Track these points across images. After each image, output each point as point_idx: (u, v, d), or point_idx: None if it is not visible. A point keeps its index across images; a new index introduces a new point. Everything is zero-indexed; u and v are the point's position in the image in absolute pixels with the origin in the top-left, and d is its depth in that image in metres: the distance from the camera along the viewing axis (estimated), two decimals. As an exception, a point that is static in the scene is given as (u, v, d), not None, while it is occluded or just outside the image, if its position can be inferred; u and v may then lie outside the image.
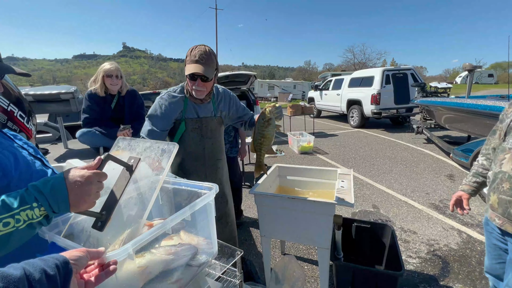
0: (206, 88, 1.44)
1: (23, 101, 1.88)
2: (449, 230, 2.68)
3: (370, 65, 36.47)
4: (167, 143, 0.86)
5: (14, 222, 0.56)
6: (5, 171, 0.69)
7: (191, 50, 1.39)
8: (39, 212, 0.59)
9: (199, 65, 1.35)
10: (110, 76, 2.09)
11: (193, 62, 1.36)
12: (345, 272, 1.71)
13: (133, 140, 0.89)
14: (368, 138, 7.14)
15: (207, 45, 1.41)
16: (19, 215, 0.57)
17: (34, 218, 0.59)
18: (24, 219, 0.57)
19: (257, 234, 2.71)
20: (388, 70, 8.15)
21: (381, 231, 2.03)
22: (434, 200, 3.35)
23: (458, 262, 2.20)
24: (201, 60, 1.35)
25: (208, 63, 1.37)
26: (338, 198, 1.50)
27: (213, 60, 1.41)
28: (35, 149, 0.89)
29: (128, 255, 0.65)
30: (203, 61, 1.36)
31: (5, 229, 0.55)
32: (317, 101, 11.34)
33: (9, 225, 0.56)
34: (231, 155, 2.80)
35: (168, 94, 1.53)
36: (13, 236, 0.56)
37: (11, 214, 0.56)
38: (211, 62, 1.39)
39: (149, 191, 0.79)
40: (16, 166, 0.72)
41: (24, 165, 0.75)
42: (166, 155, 0.82)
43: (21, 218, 0.57)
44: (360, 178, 4.18)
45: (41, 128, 4.11)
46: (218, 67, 1.49)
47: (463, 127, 4.76)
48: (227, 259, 1.06)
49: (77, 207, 0.64)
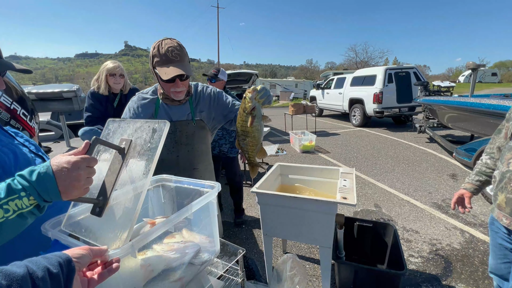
0: (185, 87, 1.30)
1: (26, 99, 1.89)
2: (452, 229, 2.67)
3: (372, 64, 36.29)
4: (157, 121, 0.80)
5: (3, 212, 0.54)
6: (4, 168, 0.69)
7: (158, 48, 1.18)
8: (28, 201, 0.57)
9: (176, 66, 1.17)
10: (113, 75, 2.10)
11: (167, 62, 1.17)
12: (347, 271, 1.70)
13: (123, 122, 0.86)
14: (370, 137, 7.12)
15: (172, 38, 1.23)
16: (8, 205, 0.55)
17: (23, 208, 0.57)
18: (14, 209, 0.56)
19: (258, 233, 2.71)
20: (390, 69, 8.10)
21: (383, 231, 2.02)
22: (436, 199, 3.33)
23: (460, 261, 2.19)
24: (175, 58, 1.18)
25: (183, 59, 1.20)
26: (340, 197, 1.49)
27: (186, 53, 1.24)
28: (37, 147, 0.89)
29: (130, 253, 0.65)
30: (178, 59, 1.18)
31: None
32: (319, 100, 11.30)
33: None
34: (231, 155, 2.78)
35: (138, 96, 1.41)
36: (4, 226, 0.55)
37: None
38: (184, 55, 1.22)
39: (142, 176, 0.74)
40: (16, 163, 0.72)
41: (24, 162, 0.75)
42: (157, 134, 0.78)
43: (10, 208, 0.55)
44: (362, 177, 4.16)
45: (44, 126, 4.13)
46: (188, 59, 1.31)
47: (466, 126, 4.73)
48: (229, 257, 1.06)
49: (68, 194, 0.61)
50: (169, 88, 1.26)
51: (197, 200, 0.88)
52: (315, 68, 66.53)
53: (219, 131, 2.68)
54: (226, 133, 2.71)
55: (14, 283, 0.39)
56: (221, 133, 2.69)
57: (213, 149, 2.70)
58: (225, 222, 2.96)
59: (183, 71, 1.17)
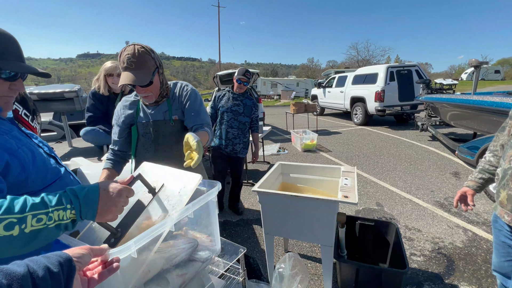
0: (150, 92, 1.28)
1: (27, 100, 1.89)
2: (454, 228, 2.65)
3: (374, 62, 36.12)
4: (190, 174, 0.88)
5: (47, 219, 0.58)
6: (24, 166, 0.71)
7: (120, 53, 1.19)
8: (69, 214, 0.62)
9: (127, 74, 1.16)
10: (111, 75, 2.10)
11: (123, 70, 1.18)
12: (349, 270, 1.70)
13: (156, 167, 0.97)
14: (372, 135, 7.09)
15: (137, 43, 1.20)
16: (52, 213, 0.59)
17: (63, 220, 0.61)
18: (55, 218, 0.60)
19: (260, 232, 2.71)
20: (392, 67, 8.05)
21: (385, 229, 2.01)
22: (439, 198, 3.31)
23: (463, 260, 2.18)
24: (130, 66, 1.16)
25: (139, 67, 1.17)
26: (342, 196, 1.49)
27: (145, 59, 1.19)
28: (49, 148, 0.92)
29: (131, 252, 0.65)
30: (132, 67, 1.16)
31: (36, 225, 0.57)
32: (320, 98, 11.27)
33: (41, 222, 0.58)
34: (242, 155, 2.85)
35: (123, 99, 1.47)
36: (41, 233, 0.58)
37: (46, 212, 0.59)
38: (143, 63, 1.18)
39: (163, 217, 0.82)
40: (34, 162, 0.75)
41: (40, 162, 0.77)
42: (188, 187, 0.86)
43: (53, 217, 0.59)
44: (364, 176, 4.15)
45: (46, 126, 4.15)
46: (159, 63, 1.27)
47: (469, 124, 4.69)
48: (230, 256, 1.06)
49: (102, 216, 0.67)
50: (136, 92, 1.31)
51: (197, 199, 0.88)
52: (317, 66, 66.27)
53: (234, 130, 2.71)
54: (241, 133, 2.75)
55: (15, 282, 0.39)
56: (237, 132, 2.72)
57: (225, 147, 2.73)
58: (226, 222, 2.97)
59: (131, 82, 1.15)
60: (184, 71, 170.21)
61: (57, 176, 0.81)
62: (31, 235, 0.56)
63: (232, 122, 2.69)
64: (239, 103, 2.70)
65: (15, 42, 0.73)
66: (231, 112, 2.68)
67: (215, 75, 6.27)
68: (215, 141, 2.79)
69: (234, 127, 2.70)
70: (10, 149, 0.70)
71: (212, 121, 2.81)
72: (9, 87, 0.73)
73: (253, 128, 2.87)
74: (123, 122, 1.44)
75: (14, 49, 0.72)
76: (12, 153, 0.70)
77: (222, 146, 2.74)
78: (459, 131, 6.78)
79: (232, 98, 2.71)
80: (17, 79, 0.74)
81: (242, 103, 2.71)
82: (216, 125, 2.78)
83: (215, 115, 2.78)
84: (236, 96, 2.71)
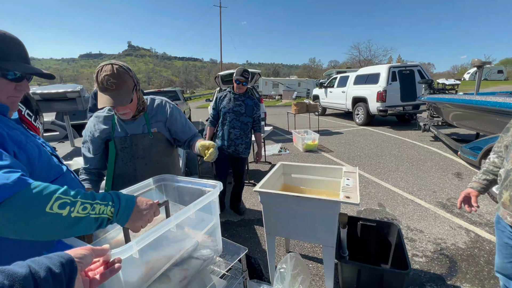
0: (129, 109, 1.28)
1: (30, 100, 1.90)
2: (457, 229, 2.64)
3: (376, 62, 36.01)
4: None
5: (90, 209, 0.64)
6: (30, 160, 0.73)
7: (97, 74, 1.15)
8: (108, 211, 0.68)
9: (108, 96, 1.15)
10: None
11: (102, 90, 1.16)
12: (351, 270, 1.69)
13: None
14: (373, 135, 7.07)
15: (114, 62, 1.19)
16: (96, 205, 0.66)
17: (103, 214, 0.67)
18: (97, 211, 0.66)
19: (261, 232, 2.71)
20: (394, 67, 8.02)
21: (387, 230, 2.00)
22: (441, 198, 3.30)
23: (466, 261, 2.17)
24: (110, 87, 1.14)
25: (119, 87, 1.16)
26: (343, 196, 1.48)
27: (125, 79, 1.18)
28: (52, 148, 0.94)
29: (132, 253, 0.65)
30: (113, 88, 1.14)
31: (82, 212, 0.62)
32: (322, 98, 11.25)
33: (86, 210, 0.63)
34: (244, 155, 2.85)
35: (94, 115, 1.42)
36: (82, 222, 0.62)
37: (92, 203, 0.65)
38: (123, 83, 1.17)
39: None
40: (40, 157, 0.77)
41: (46, 158, 0.79)
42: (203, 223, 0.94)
43: (96, 209, 0.66)
44: (366, 176, 4.14)
45: (48, 126, 4.17)
46: (136, 80, 1.27)
47: (471, 124, 4.67)
48: (231, 256, 1.06)
49: (133, 223, 0.74)
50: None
51: (198, 199, 0.88)
52: (318, 66, 66.20)
53: (236, 131, 2.71)
54: (244, 133, 2.74)
55: (17, 283, 0.39)
56: (239, 133, 2.72)
57: (228, 148, 2.73)
58: (227, 222, 2.97)
59: (113, 103, 1.14)
60: (185, 71, 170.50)
61: (60, 174, 0.83)
62: (75, 221, 0.61)
63: (234, 122, 2.69)
64: (241, 103, 2.70)
65: (20, 44, 0.75)
66: (233, 112, 2.68)
67: (217, 75, 6.27)
68: (217, 142, 2.78)
69: (236, 127, 2.70)
70: (19, 142, 0.72)
71: (215, 122, 2.81)
72: (15, 88, 0.75)
73: (255, 128, 2.86)
74: (99, 137, 1.39)
75: (19, 51, 0.74)
76: (20, 147, 0.72)
77: (225, 147, 2.73)
78: (461, 131, 6.74)
79: (233, 98, 2.70)
80: (23, 80, 0.76)
81: (243, 103, 2.70)
82: (218, 126, 2.78)
83: (217, 116, 2.78)
84: (237, 97, 2.70)
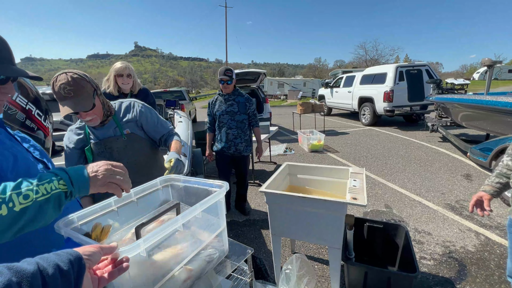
0: (94, 114, 1.27)
1: (40, 100, 1.94)
2: (466, 231, 2.59)
3: (382, 62, 35.61)
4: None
5: (33, 194, 0.60)
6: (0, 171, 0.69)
7: (53, 84, 1.13)
8: (57, 184, 0.64)
9: (68, 103, 1.13)
10: (120, 75, 2.14)
11: (59, 100, 1.14)
12: (357, 272, 1.68)
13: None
14: (380, 136, 6.99)
15: (68, 70, 1.16)
16: (38, 187, 0.61)
17: (53, 190, 0.63)
18: (43, 192, 0.61)
19: (266, 233, 2.70)
20: (401, 67, 7.92)
21: (394, 232, 1.97)
22: (450, 200, 3.24)
23: (475, 265, 2.12)
24: (68, 95, 1.12)
25: (78, 93, 1.14)
26: (350, 197, 1.47)
27: (82, 84, 1.16)
28: (42, 152, 0.89)
29: (139, 251, 0.65)
30: (71, 95, 1.13)
31: (25, 202, 0.59)
32: (328, 98, 11.18)
33: (29, 198, 0.59)
34: (246, 153, 2.84)
35: (69, 128, 1.44)
36: (30, 209, 0.59)
37: (31, 188, 0.61)
38: (80, 88, 1.15)
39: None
40: (14, 167, 0.72)
41: (23, 167, 0.75)
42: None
43: (40, 190, 0.61)
44: (372, 177, 4.09)
45: (58, 126, 4.23)
46: (95, 85, 1.24)
47: (481, 125, 4.57)
48: (237, 256, 1.06)
49: (95, 187, 0.70)
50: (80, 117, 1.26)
51: (205, 199, 0.88)
52: (324, 66, 65.80)
53: (234, 131, 2.70)
54: (241, 131, 2.74)
55: (24, 280, 0.40)
56: (236, 132, 2.72)
57: (228, 149, 2.73)
58: (232, 222, 2.97)
59: (75, 109, 1.13)
60: (191, 71, 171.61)
61: None
62: (21, 212, 0.58)
63: (230, 123, 2.69)
64: (232, 102, 2.69)
65: (5, 46, 0.71)
66: (227, 113, 2.68)
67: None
68: (217, 145, 2.78)
69: (233, 127, 2.70)
70: None
71: (212, 127, 2.82)
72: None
73: (252, 123, 2.83)
74: (75, 148, 1.40)
75: (4, 52, 0.71)
76: None
77: (225, 149, 2.73)
78: (471, 132, 6.61)
79: (224, 100, 2.71)
80: (7, 83, 0.73)
81: (235, 101, 2.70)
82: (216, 129, 2.79)
83: (213, 121, 2.80)
84: (227, 97, 2.70)
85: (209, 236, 0.96)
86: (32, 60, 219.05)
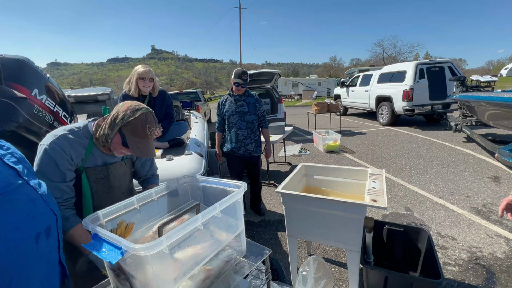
0: None
1: (66, 102, 2.04)
2: (495, 237, 2.44)
3: (401, 59, 34.39)
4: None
5: None
6: None
7: (141, 120, 1.10)
8: None
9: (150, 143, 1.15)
10: (143, 78, 2.21)
11: (145, 139, 1.14)
12: (377, 277, 1.62)
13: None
14: (399, 136, 6.75)
15: (149, 110, 1.15)
16: None
17: None
18: None
19: (282, 234, 2.69)
20: (422, 64, 7.61)
21: (416, 236, 1.90)
22: (476, 204, 3.07)
23: (505, 273, 1.99)
24: (152, 136, 1.16)
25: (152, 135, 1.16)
26: (370, 199, 1.43)
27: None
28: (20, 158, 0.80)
29: (162, 248, 0.67)
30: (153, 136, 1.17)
31: None
32: (344, 98, 10.96)
33: None
34: (256, 154, 2.83)
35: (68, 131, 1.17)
36: None
37: None
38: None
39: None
40: None
41: None
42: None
43: None
44: (391, 179, 3.96)
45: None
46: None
47: (510, 124, 4.30)
48: (255, 257, 1.06)
49: None
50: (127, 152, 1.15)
51: (224, 199, 0.88)
52: (339, 65, 64.51)
53: (243, 131, 2.71)
54: (251, 132, 2.75)
55: None
56: (246, 133, 2.72)
57: (238, 150, 2.74)
58: (248, 222, 2.98)
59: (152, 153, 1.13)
60: (206, 72, 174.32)
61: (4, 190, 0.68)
62: None
63: (240, 123, 2.70)
64: (242, 103, 2.70)
65: None
66: (236, 114, 2.69)
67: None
68: (227, 146, 2.79)
69: (242, 128, 2.70)
70: None
71: (221, 128, 2.84)
72: None
73: (262, 124, 2.84)
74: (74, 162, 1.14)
75: None
76: None
77: (235, 149, 2.74)
78: (498, 131, 6.24)
79: (234, 100, 2.72)
80: None
81: (245, 102, 2.70)
82: (226, 130, 2.80)
83: (222, 121, 2.81)
84: (237, 98, 2.71)
85: (228, 236, 0.96)
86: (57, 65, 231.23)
